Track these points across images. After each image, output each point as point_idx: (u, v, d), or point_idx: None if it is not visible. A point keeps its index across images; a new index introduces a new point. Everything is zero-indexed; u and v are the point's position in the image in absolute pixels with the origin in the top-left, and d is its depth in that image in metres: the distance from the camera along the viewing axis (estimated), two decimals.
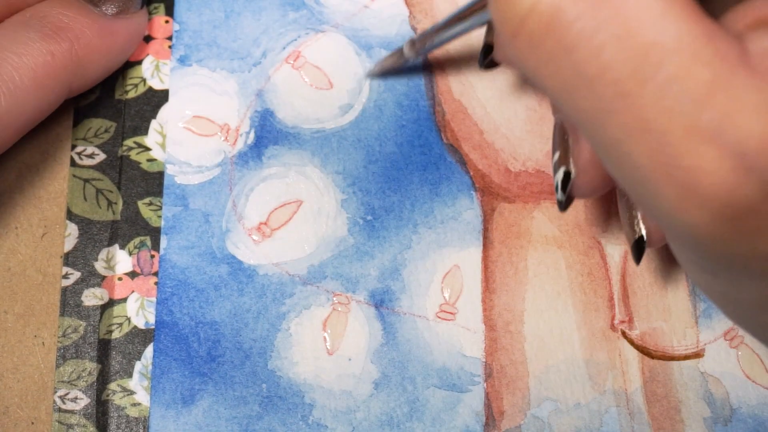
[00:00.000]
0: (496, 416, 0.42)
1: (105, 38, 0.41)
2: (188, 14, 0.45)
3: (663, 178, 0.28)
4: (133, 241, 0.43)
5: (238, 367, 0.41)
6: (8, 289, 0.42)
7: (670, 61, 0.28)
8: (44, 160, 0.43)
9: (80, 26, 0.40)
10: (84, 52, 0.40)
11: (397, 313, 0.42)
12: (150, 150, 0.43)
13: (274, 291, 0.42)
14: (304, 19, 0.45)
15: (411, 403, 0.41)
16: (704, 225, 0.29)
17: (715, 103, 0.27)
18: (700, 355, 0.43)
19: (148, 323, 0.42)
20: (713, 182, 0.28)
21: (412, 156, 0.44)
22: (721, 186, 0.28)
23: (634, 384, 0.42)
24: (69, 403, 0.41)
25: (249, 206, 0.43)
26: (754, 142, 0.27)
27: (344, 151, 0.44)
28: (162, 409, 0.41)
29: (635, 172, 0.29)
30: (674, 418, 0.42)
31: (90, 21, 0.40)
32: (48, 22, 0.40)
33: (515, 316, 0.43)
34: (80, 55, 0.40)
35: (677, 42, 0.28)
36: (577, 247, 0.44)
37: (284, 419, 0.41)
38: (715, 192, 0.28)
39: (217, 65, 0.44)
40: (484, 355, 0.42)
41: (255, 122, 0.44)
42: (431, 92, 0.45)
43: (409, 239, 0.43)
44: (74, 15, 0.40)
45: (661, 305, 0.43)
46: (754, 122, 0.27)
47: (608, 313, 0.43)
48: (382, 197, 0.44)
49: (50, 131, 0.43)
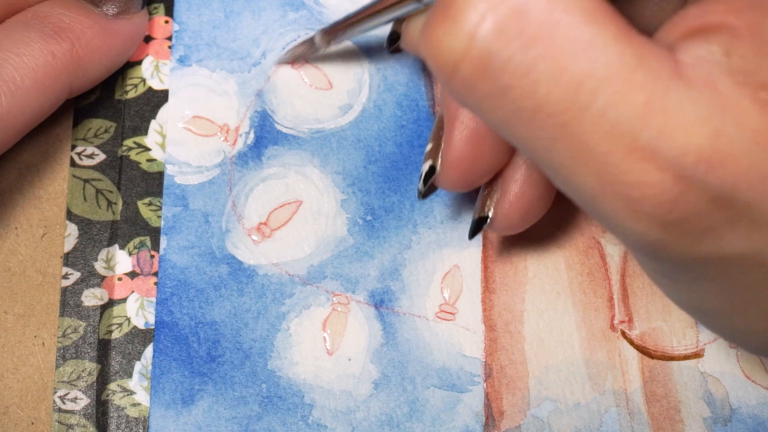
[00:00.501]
0: (496, 416, 0.42)
1: (106, 39, 0.41)
2: (188, 14, 0.45)
3: (610, 195, 0.29)
4: (132, 241, 0.43)
5: (238, 367, 0.41)
6: (8, 289, 0.42)
7: (603, 90, 0.28)
8: (44, 160, 0.43)
9: (81, 26, 0.40)
10: (84, 53, 0.40)
11: (397, 313, 0.43)
12: (150, 150, 0.44)
13: (273, 291, 0.42)
14: (303, 19, 0.45)
15: (411, 403, 0.41)
16: (654, 233, 0.30)
17: (651, 123, 0.28)
18: (699, 355, 0.43)
19: (147, 323, 0.42)
20: (656, 194, 0.29)
21: (412, 156, 0.44)
22: (664, 197, 0.29)
23: (634, 384, 0.42)
24: (69, 403, 0.41)
25: (249, 206, 0.43)
26: (691, 156, 0.28)
27: (344, 151, 0.44)
28: (162, 409, 0.41)
29: (584, 191, 0.30)
30: (674, 418, 0.42)
31: (91, 21, 0.41)
32: (49, 23, 0.40)
33: (515, 316, 0.43)
34: (81, 55, 0.40)
35: (608, 69, 0.28)
36: (577, 247, 0.44)
37: (284, 419, 0.41)
38: (660, 202, 0.29)
39: (217, 65, 0.44)
40: (484, 355, 0.42)
41: (255, 122, 0.44)
42: (431, 92, 0.45)
43: (409, 239, 0.43)
44: (75, 15, 0.40)
45: (661, 305, 0.43)
46: (690, 136, 0.28)
47: (608, 313, 0.43)
48: (382, 197, 0.44)
49: (50, 131, 0.43)
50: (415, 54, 0.42)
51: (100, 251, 0.42)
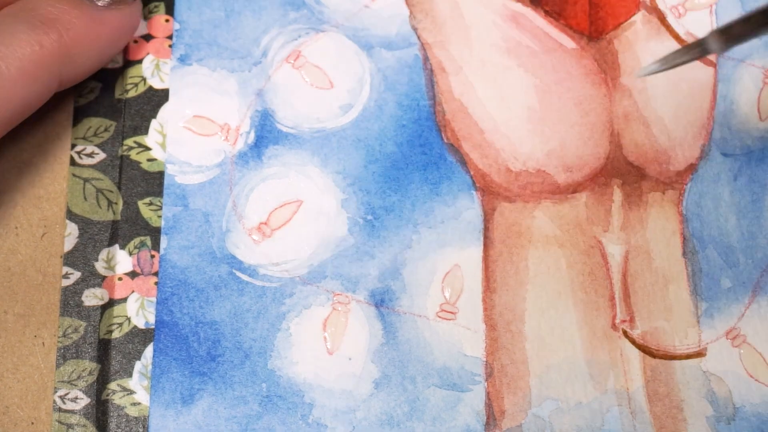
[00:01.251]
0: (497, 415, 0.41)
1: (95, 29, 0.41)
2: (188, 13, 0.45)
3: None
4: (133, 241, 0.42)
5: (238, 366, 0.41)
6: (8, 289, 0.42)
7: None
8: (44, 159, 0.43)
9: (69, 17, 0.40)
10: (73, 43, 0.40)
11: (398, 313, 0.42)
12: (150, 150, 0.43)
13: (274, 291, 0.42)
14: (304, 18, 0.45)
15: (411, 403, 0.41)
16: None
17: None
18: (702, 354, 0.42)
19: (148, 323, 0.42)
20: None
21: (413, 156, 0.44)
22: None
23: (636, 383, 0.42)
24: (69, 403, 0.41)
25: (249, 206, 0.43)
26: None
27: (344, 150, 0.44)
28: (162, 409, 0.41)
29: None
30: (676, 417, 0.42)
31: (80, 12, 0.41)
32: (37, 14, 0.40)
33: (516, 315, 0.43)
34: (69, 45, 0.40)
35: None
36: (578, 246, 0.43)
37: (284, 419, 0.41)
38: None
39: (218, 64, 0.44)
40: (485, 355, 0.42)
41: (255, 122, 0.44)
42: (431, 92, 0.45)
43: (410, 239, 0.43)
44: (64, 6, 0.40)
45: (662, 305, 0.43)
46: None
47: (609, 313, 0.43)
48: (383, 197, 0.44)
49: (50, 130, 0.43)
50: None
51: (100, 251, 0.42)
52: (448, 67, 0.45)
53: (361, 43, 0.45)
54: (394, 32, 0.45)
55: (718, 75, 0.46)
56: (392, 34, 0.45)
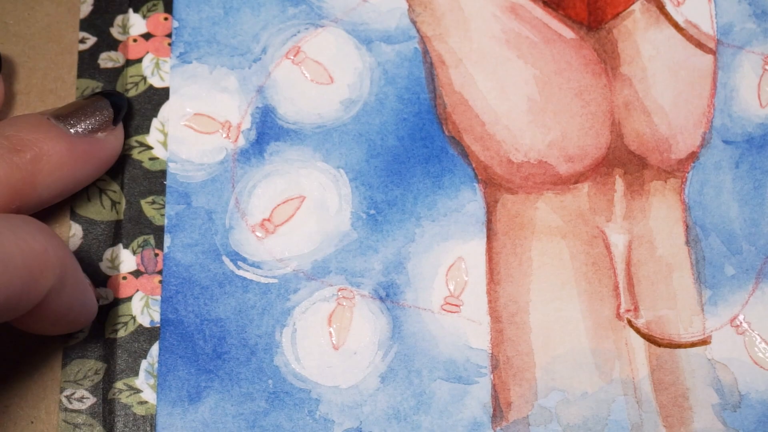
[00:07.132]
0: (504, 407, 0.41)
1: (71, 158, 0.40)
2: (187, 11, 0.45)
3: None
4: (136, 240, 0.43)
5: (244, 363, 0.41)
6: None
7: None
8: None
9: (44, 145, 0.39)
10: (46, 169, 0.39)
11: (402, 307, 0.42)
12: (152, 149, 0.43)
13: (278, 287, 0.42)
14: (303, 14, 0.45)
15: (418, 396, 0.41)
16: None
17: None
18: (707, 342, 0.43)
19: (153, 321, 0.42)
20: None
21: (414, 149, 0.44)
22: None
23: (642, 372, 0.42)
24: (75, 403, 0.41)
25: (252, 203, 0.43)
26: None
27: (346, 145, 0.44)
28: (168, 407, 0.41)
29: None
30: (682, 406, 0.42)
31: (55, 141, 0.39)
32: (13, 139, 0.39)
33: (520, 307, 0.43)
34: (42, 171, 0.39)
35: None
36: (581, 236, 0.43)
37: (291, 415, 0.41)
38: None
39: (217, 62, 0.44)
40: (490, 347, 0.42)
41: (256, 119, 0.44)
42: (432, 85, 0.45)
43: (413, 232, 0.43)
44: (40, 134, 0.39)
45: (667, 293, 0.43)
46: None
47: (614, 302, 0.43)
48: (385, 191, 0.44)
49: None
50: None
51: (104, 251, 0.42)
52: (448, 59, 0.45)
53: (360, 38, 0.45)
54: (394, 26, 0.45)
55: (718, 62, 0.46)
56: (391, 28, 0.45)
